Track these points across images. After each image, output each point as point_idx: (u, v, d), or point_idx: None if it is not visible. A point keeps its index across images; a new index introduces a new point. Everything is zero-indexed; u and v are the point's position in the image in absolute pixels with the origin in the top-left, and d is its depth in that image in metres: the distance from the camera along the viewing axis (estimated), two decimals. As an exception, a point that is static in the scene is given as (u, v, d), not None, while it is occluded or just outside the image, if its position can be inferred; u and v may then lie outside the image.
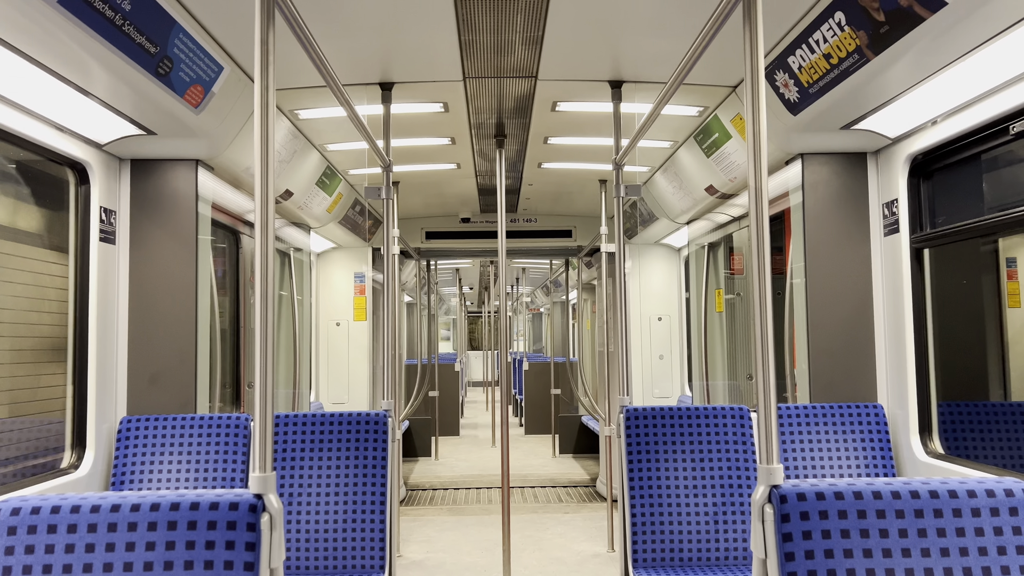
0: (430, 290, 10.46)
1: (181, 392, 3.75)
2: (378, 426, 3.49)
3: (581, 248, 7.90)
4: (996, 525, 1.75)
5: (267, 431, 1.78)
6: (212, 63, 3.19)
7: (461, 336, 17.91)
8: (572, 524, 6.17)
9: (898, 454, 3.66)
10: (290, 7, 2.08)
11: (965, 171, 3.39)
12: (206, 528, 1.74)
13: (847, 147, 3.81)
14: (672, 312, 7.25)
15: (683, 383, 7.19)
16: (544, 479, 8.12)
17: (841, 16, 2.77)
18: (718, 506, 3.41)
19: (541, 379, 11.16)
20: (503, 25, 3.24)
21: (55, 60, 2.55)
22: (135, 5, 2.53)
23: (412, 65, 3.68)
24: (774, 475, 1.77)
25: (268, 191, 1.81)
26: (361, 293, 7.31)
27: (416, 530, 6.02)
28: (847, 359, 3.82)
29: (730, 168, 4.51)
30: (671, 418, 3.51)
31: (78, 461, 3.46)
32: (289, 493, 3.41)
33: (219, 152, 3.77)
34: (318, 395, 7.20)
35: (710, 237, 6.33)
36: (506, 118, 4.54)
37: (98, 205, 3.55)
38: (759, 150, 1.82)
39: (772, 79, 3.44)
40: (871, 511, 1.75)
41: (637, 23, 3.21)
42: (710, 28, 2.28)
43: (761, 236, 1.81)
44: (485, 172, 5.96)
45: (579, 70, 3.78)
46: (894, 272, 3.69)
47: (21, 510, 1.75)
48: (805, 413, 3.68)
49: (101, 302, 3.58)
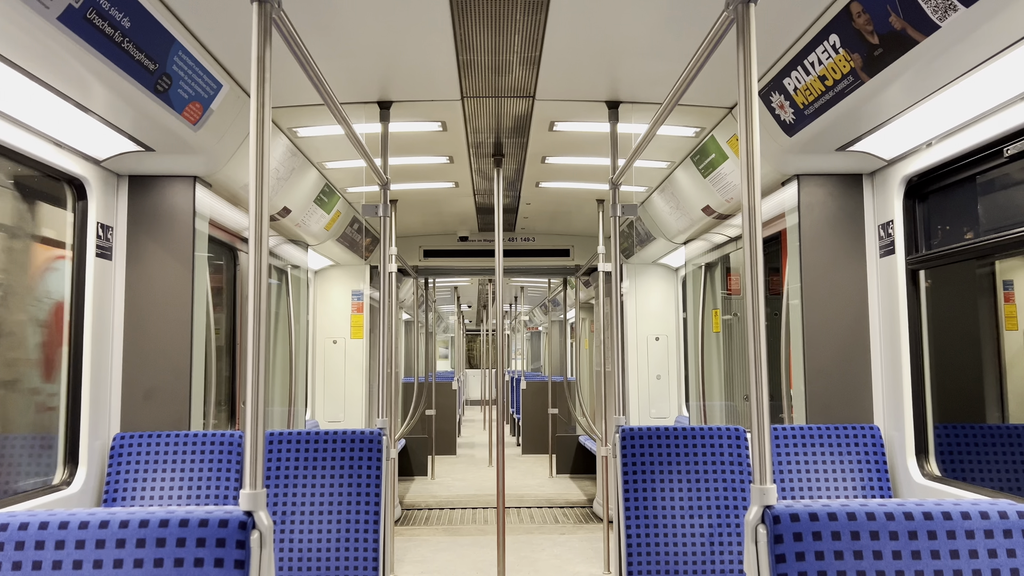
0: (427, 308, 10.45)
1: (175, 409, 3.73)
2: (372, 444, 3.47)
3: (579, 267, 7.91)
4: (990, 547, 1.74)
5: (257, 448, 1.77)
6: (211, 80, 3.20)
7: (459, 354, 17.87)
8: (568, 545, 6.12)
9: (894, 476, 3.64)
10: (287, 25, 2.10)
11: (960, 193, 3.40)
12: (195, 545, 1.72)
13: (843, 168, 3.82)
14: (670, 332, 7.24)
15: (680, 403, 7.17)
16: (541, 499, 8.07)
17: (836, 38, 2.79)
18: (714, 527, 3.38)
19: (539, 398, 11.12)
20: (501, 46, 3.26)
21: (54, 76, 2.57)
22: (134, 22, 2.55)
23: (410, 84, 3.70)
24: (767, 495, 1.76)
25: (263, 208, 1.82)
26: (358, 311, 7.30)
27: (411, 550, 5.97)
28: (843, 380, 3.81)
29: (727, 189, 4.53)
30: (667, 438, 3.50)
31: (70, 477, 3.44)
32: (283, 511, 3.39)
33: (217, 169, 3.78)
34: (314, 413, 7.17)
35: (707, 257, 6.34)
36: (504, 137, 4.56)
37: (95, 221, 3.55)
38: (752, 170, 1.83)
39: (768, 100, 3.47)
40: (865, 532, 1.74)
41: (634, 44, 3.23)
42: (704, 49, 2.30)
43: (755, 257, 1.82)
44: (483, 191, 5.98)
45: (576, 90, 3.81)
46: (890, 293, 3.69)
47: (8, 526, 1.74)
48: (801, 434, 3.67)
49: (96, 318, 3.57)
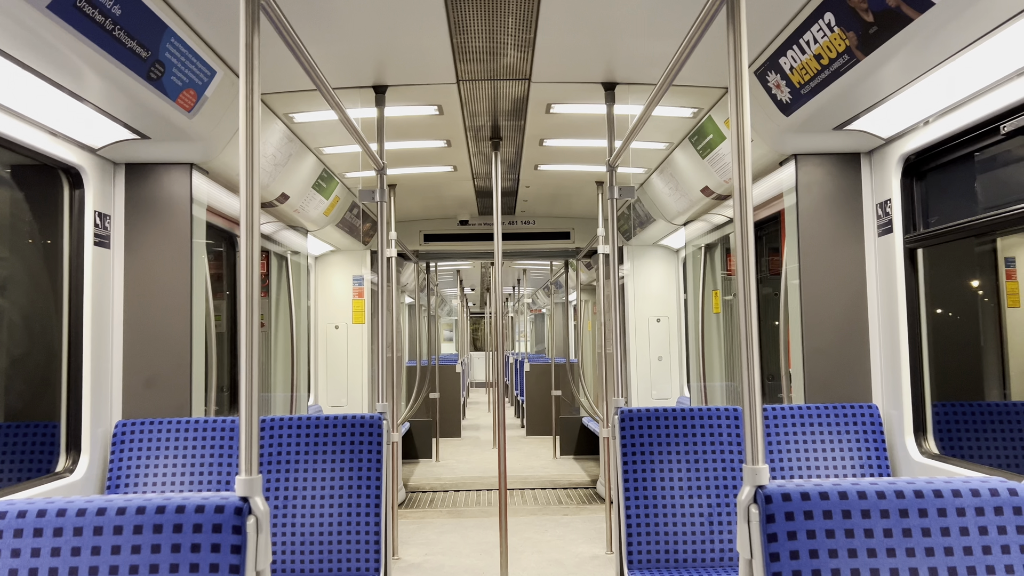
0: (429, 292, 10.46)
1: (176, 396, 3.75)
2: (373, 429, 3.49)
3: (580, 250, 7.90)
4: (981, 524, 1.75)
5: (252, 434, 1.78)
6: (204, 67, 3.19)
7: (463, 337, 17.91)
8: (571, 526, 6.16)
9: (893, 455, 3.65)
10: (276, 10, 2.09)
11: (958, 171, 3.39)
12: (191, 531, 1.74)
13: (840, 148, 3.80)
14: (671, 313, 7.25)
15: (682, 384, 7.19)
16: (544, 481, 8.12)
17: (831, 17, 2.77)
18: (713, 507, 3.40)
19: (542, 380, 11.15)
20: (495, 28, 3.24)
21: (47, 65, 2.56)
22: (125, 10, 2.54)
23: (405, 68, 3.69)
24: (759, 475, 1.77)
25: (253, 193, 1.82)
26: (359, 296, 7.32)
27: (415, 532, 6.02)
28: (842, 359, 3.82)
29: (725, 169, 4.51)
30: (666, 419, 3.51)
31: (73, 465, 3.47)
32: (284, 496, 3.41)
33: (214, 156, 3.77)
34: (317, 398, 7.20)
35: (707, 238, 6.33)
36: (501, 120, 4.54)
37: (92, 209, 3.56)
38: (743, 150, 1.83)
39: (764, 80, 3.44)
40: (856, 511, 1.75)
41: (628, 25, 3.21)
42: (696, 30, 2.28)
43: (746, 237, 1.81)
44: (482, 174, 5.97)
45: (572, 72, 3.78)
46: (888, 272, 3.69)
47: (7, 513, 1.76)
48: (800, 414, 3.68)
49: (96, 306, 3.59)
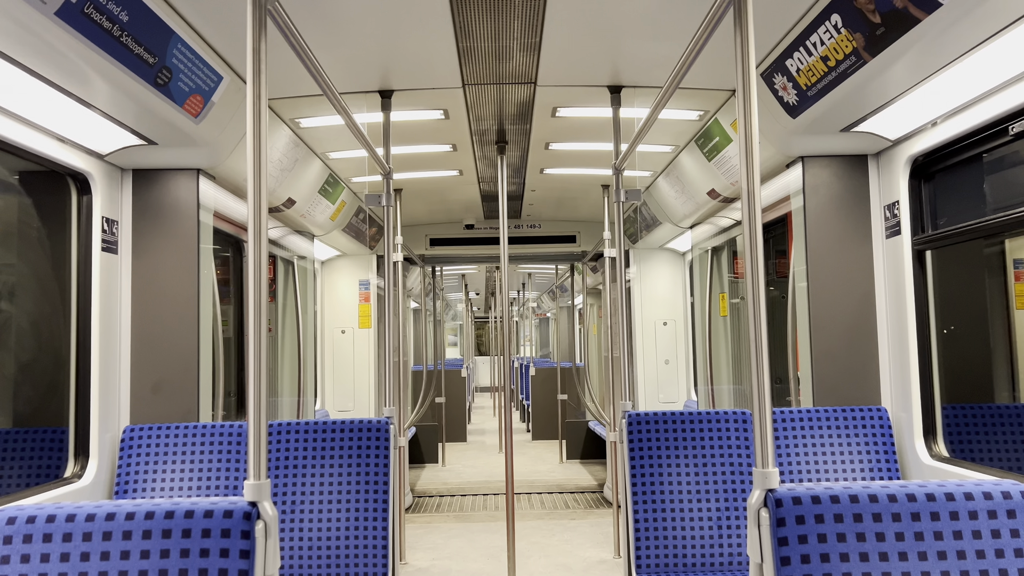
0: (435, 296, 10.47)
1: (184, 401, 3.76)
2: (380, 433, 3.49)
3: (585, 253, 7.89)
4: (993, 528, 1.74)
5: (260, 439, 1.78)
6: (211, 73, 3.20)
7: (468, 342, 17.90)
8: (579, 530, 6.15)
9: (902, 458, 3.63)
10: (283, 15, 2.09)
11: (966, 172, 3.37)
12: (200, 536, 1.74)
13: (847, 149, 3.79)
14: (678, 316, 7.23)
15: (689, 388, 7.17)
16: (551, 485, 8.10)
17: (838, 18, 2.76)
18: (721, 511, 3.39)
19: (548, 384, 11.13)
20: (501, 32, 3.25)
21: (54, 71, 2.57)
22: (132, 16, 2.55)
23: (411, 73, 3.69)
24: (769, 479, 1.76)
25: (260, 198, 1.82)
26: (366, 300, 7.32)
27: (422, 537, 6.01)
28: (850, 362, 3.80)
29: (731, 172, 4.50)
30: (674, 423, 3.50)
31: (82, 470, 3.47)
32: (292, 501, 3.41)
33: (220, 161, 3.78)
34: (323, 403, 7.20)
35: (713, 241, 6.31)
36: (507, 124, 4.54)
37: (100, 215, 3.57)
38: (751, 152, 1.82)
39: (771, 82, 3.44)
40: (867, 515, 1.74)
41: (634, 28, 3.21)
42: (703, 31, 2.28)
43: (755, 240, 1.81)
44: (488, 178, 5.96)
45: (578, 75, 3.78)
46: (896, 274, 3.67)
47: (17, 519, 1.76)
48: (808, 417, 3.66)
49: (104, 311, 3.60)
